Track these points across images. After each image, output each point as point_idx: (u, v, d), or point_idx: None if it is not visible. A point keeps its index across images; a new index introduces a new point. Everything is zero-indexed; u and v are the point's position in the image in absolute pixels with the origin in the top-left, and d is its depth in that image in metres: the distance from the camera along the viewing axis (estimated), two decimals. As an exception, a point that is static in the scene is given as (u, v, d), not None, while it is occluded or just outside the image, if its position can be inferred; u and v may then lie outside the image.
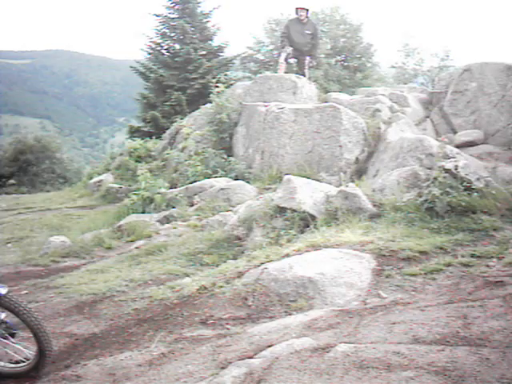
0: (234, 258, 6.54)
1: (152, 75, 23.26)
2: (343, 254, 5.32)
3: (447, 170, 6.46)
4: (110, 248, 8.33)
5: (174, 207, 9.74)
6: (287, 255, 5.63)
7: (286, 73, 13.20)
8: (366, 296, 4.67)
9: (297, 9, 13.46)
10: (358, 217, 6.49)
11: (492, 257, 5.04)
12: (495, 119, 10.58)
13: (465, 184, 6.28)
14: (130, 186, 12.68)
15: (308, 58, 13.65)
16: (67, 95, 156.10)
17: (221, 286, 5.26)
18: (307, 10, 13.52)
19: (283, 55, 13.55)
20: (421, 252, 5.31)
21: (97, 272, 6.81)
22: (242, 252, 6.72)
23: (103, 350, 4.42)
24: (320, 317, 4.17)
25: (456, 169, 6.45)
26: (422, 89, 14.34)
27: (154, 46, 24.09)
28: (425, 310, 3.91)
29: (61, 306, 5.68)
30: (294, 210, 6.85)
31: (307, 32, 13.47)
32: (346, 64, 27.09)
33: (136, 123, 24.05)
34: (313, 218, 6.77)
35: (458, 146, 9.44)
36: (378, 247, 5.47)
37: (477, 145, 10.09)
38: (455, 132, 10.83)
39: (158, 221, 9.16)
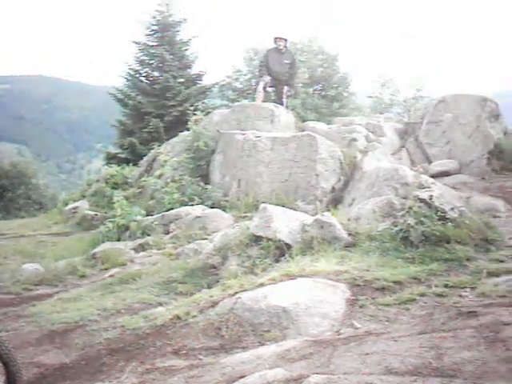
0: (209, 287, 6.48)
1: (130, 102, 23.26)
2: (318, 284, 5.30)
3: (422, 200, 6.51)
4: (83, 276, 8.23)
5: (149, 235, 9.68)
6: (262, 284, 5.60)
7: (263, 101, 13.29)
8: (339, 326, 4.65)
9: (275, 38, 13.63)
10: (334, 246, 6.48)
11: (465, 287, 5.07)
12: (470, 149, 10.74)
13: (439, 214, 6.32)
14: (105, 213, 12.57)
15: (286, 87, 13.79)
16: (45, 121, 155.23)
17: (194, 316, 5.20)
18: (285, 39, 13.72)
19: (261, 84, 13.67)
20: (395, 282, 5.31)
21: (69, 301, 6.71)
22: (217, 281, 6.67)
23: (73, 381, 4.35)
24: (293, 347, 4.14)
25: (430, 198, 6.49)
26: (398, 119, 14.52)
27: (132, 72, 24.13)
28: (398, 340, 3.90)
29: (31, 336, 5.58)
30: (269, 239, 6.84)
31: (285, 61, 13.64)
32: (323, 93, 27.33)
33: (113, 150, 23.95)
34: (288, 246, 6.76)
35: (433, 176, 9.51)
36: (353, 277, 5.46)
37: (452, 175, 10.22)
38: (430, 162, 10.96)
39: (132, 249, 9.09)
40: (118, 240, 9.80)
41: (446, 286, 5.14)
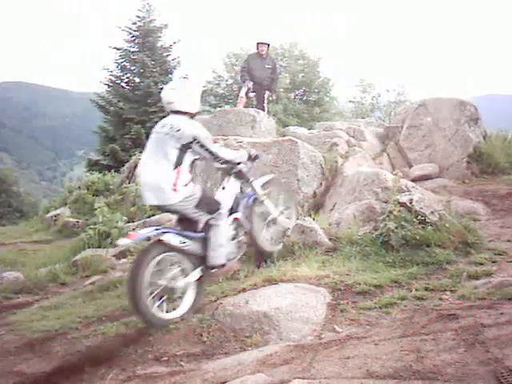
0: (191, 293, 6.46)
1: (112, 108, 23.24)
2: (299, 289, 5.31)
3: (402, 204, 6.55)
4: (64, 284, 8.16)
5: (131, 241, 9.62)
6: (243, 290, 5.60)
7: (245, 107, 13.30)
8: (321, 331, 4.65)
9: (258, 43, 13.67)
10: (315, 251, 6.50)
11: (445, 290, 5.11)
12: (449, 153, 10.82)
13: (419, 217, 6.36)
14: (87, 220, 12.52)
15: (267, 92, 13.81)
16: (26, 128, 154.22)
17: (175, 322, 5.19)
18: (268, 44, 13.76)
19: (244, 89, 13.69)
20: (376, 286, 5.34)
21: (50, 308, 6.65)
22: (199, 287, 6.65)
23: (54, 390, 4.31)
24: (275, 352, 4.13)
25: (411, 202, 6.53)
26: (378, 123, 14.60)
27: (114, 79, 24.14)
28: (379, 344, 3.91)
29: (11, 344, 5.52)
30: (251, 244, 6.84)
31: (267, 66, 13.68)
32: (304, 98, 27.48)
33: (95, 156, 23.88)
34: (270, 252, 6.76)
35: (413, 180, 9.59)
36: (334, 281, 5.49)
37: (432, 178, 10.28)
38: (411, 166, 11.02)
39: (114, 255, 9.03)
40: (100, 247, 9.73)
41: (426, 289, 5.18)
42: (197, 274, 5.42)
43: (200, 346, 4.71)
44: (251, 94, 14.06)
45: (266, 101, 13.97)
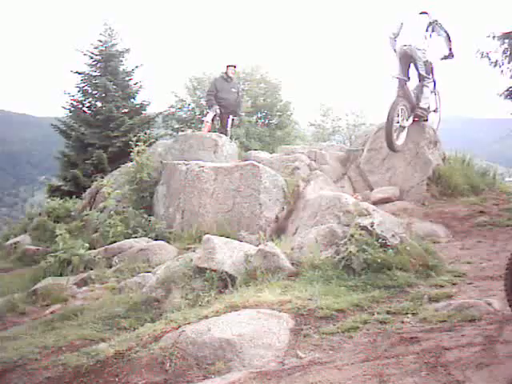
0: (152, 321, 6.36)
1: (73, 133, 23.06)
2: (261, 315, 5.29)
3: (363, 227, 6.59)
4: (23, 313, 7.99)
5: (92, 269, 9.51)
6: (206, 317, 5.55)
7: (209, 131, 13.35)
8: (284, 357, 4.63)
9: (227, 66, 13.81)
10: (277, 276, 6.48)
11: (407, 313, 5.14)
12: (410, 176, 10.95)
13: (380, 241, 6.41)
14: (47, 247, 12.30)
15: (231, 116, 13.91)
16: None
17: (137, 351, 5.11)
18: (235, 66, 13.96)
19: (211, 114, 13.79)
20: (338, 310, 5.35)
21: (8, 339, 6.49)
22: (161, 314, 6.57)
23: (12, 424, 4.20)
24: (238, 379, 4.11)
25: (372, 226, 6.59)
26: (339, 146, 14.71)
27: (75, 103, 23.96)
28: (342, 369, 3.92)
29: (-32, 378, 5.39)
30: (213, 270, 6.80)
31: (233, 90, 13.86)
32: (266, 122, 27.67)
33: (56, 182, 23.59)
34: (232, 278, 6.73)
35: (374, 203, 9.67)
36: (296, 306, 5.47)
37: (393, 201, 10.37)
38: (372, 189, 11.11)
39: (75, 284, 8.89)
40: (61, 275, 9.57)
41: (388, 312, 5.20)
42: None
43: (163, 375, 4.65)
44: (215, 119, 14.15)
45: (229, 125, 14.06)
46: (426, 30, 10.86)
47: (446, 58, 11.52)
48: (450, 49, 11.33)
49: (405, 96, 10.85)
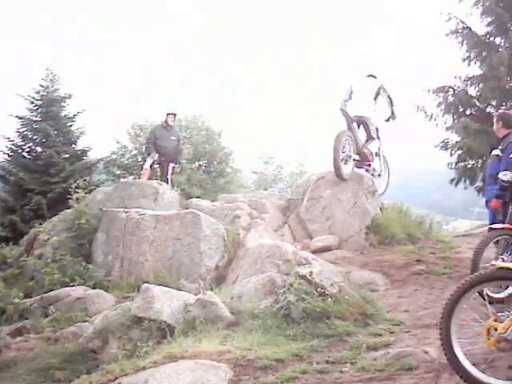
0: (88, 373, 6.21)
1: (12, 178, 22.52)
2: (200, 366, 5.22)
3: (302, 276, 6.65)
4: (-47, 366, 7.69)
5: (27, 318, 9.22)
6: (143, 368, 5.45)
7: (149, 179, 13.29)
8: (222, 409, 4.58)
9: (167, 114, 13.90)
10: (216, 325, 6.43)
11: (346, 362, 5.17)
12: (348, 225, 11.09)
13: (319, 290, 6.48)
14: (-19, 296, 11.90)
15: (171, 163, 13.94)
16: None
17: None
18: (175, 114, 14.08)
19: (149, 161, 13.79)
20: (277, 360, 5.33)
21: None
22: (97, 366, 6.43)
23: None
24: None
25: (311, 275, 6.65)
26: (280, 195, 14.83)
27: (14, 148, 23.49)
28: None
29: None
30: (151, 320, 6.69)
31: (173, 138, 13.95)
32: (208, 169, 27.75)
33: (-7, 228, 22.94)
34: (171, 327, 6.63)
35: (314, 252, 9.73)
36: (235, 357, 5.43)
37: (332, 250, 10.46)
38: (312, 237, 11.19)
39: (8, 334, 8.59)
40: (-6, 324, 9.27)
41: (327, 362, 5.23)
42: None
43: (96, 430, 4.53)
44: (155, 166, 14.14)
45: (170, 172, 14.06)
46: (375, 98, 11.55)
47: (388, 119, 12.51)
48: (393, 111, 12.31)
49: (351, 131, 11.30)
